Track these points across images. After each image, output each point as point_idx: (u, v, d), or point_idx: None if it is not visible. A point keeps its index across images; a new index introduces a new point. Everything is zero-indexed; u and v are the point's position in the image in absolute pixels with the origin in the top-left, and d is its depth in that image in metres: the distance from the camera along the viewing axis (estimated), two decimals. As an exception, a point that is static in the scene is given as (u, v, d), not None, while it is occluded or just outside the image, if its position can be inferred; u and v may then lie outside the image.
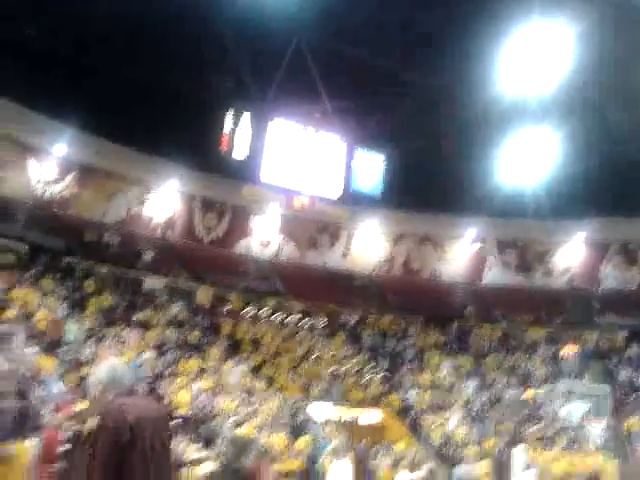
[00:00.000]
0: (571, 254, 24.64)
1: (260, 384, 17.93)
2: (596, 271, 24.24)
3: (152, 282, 21.05)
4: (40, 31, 17.35)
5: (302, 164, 22.70)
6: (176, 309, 19.50)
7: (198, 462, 6.58)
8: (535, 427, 18.40)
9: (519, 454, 16.83)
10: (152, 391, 14.67)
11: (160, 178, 23.51)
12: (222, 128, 21.40)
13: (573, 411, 18.26)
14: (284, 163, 22.36)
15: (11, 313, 14.35)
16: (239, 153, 21.53)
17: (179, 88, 19.61)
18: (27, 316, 14.73)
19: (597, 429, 17.92)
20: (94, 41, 17.82)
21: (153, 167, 23.08)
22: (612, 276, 23.80)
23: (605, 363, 20.69)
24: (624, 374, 19.95)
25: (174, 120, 19.74)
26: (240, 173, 22.08)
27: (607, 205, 21.24)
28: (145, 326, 18.02)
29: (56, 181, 21.53)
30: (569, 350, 21.10)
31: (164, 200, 23.81)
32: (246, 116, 21.63)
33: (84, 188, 22.11)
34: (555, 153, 19.85)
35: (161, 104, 19.68)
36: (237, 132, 21.57)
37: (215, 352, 18.35)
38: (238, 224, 25.24)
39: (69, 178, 21.85)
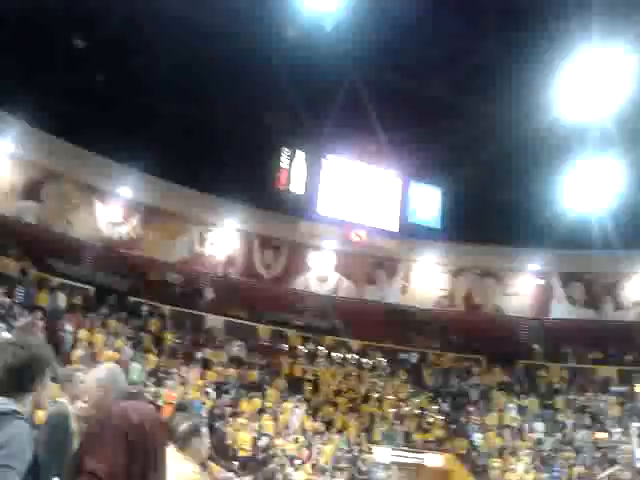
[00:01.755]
0: (641, 286, 23.59)
1: (320, 425, 17.72)
2: (669, 303, 23.08)
3: (212, 321, 21.34)
4: (104, 76, 18.22)
5: (358, 199, 22.77)
6: (236, 348, 19.65)
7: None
8: (609, 470, 17.45)
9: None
10: (211, 430, 14.73)
11: (220, 217, 24.03)
12: (278, 165, 21.79)
13: (650, 454, 17.20)
14: (340, 198, 22.49)
15: (78, 354, 14.81)
16: (295, 189, 21.82)
17: (236, 129, 20.13)
18: (93, 357, 15.12)
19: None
20: (155, 85, 18.56)
21: (213, 206, 23.63)
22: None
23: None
24: None
25: (232, 159, 20.23)
26: (296, 209, 22.34)
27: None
28: (206, 365, 18.20)
29: (122, 222, 22.31)
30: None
31: (225, 238, 24.28)
32: (301, 153, 21.97)
33: (149, 229, 22.81)
34: (620, 181, 19.22)
35: (219, 145, 20.23)
36: (293, 169, 21.90)
37: (274, 392, 18.31)
38: (295, 260, 25.41)
39: (134, 219, 22.60)
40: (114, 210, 22.00)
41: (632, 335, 22.52)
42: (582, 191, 19.63)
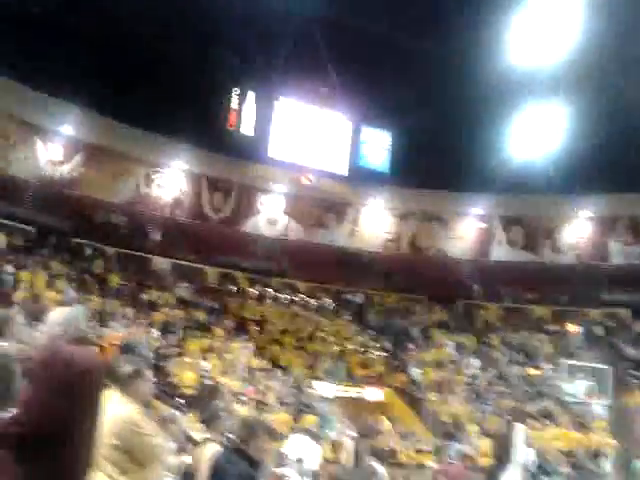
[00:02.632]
0: (579, 230, 24.51)
1: (265, 363, 18.16)
2: (604, 247, 24.12)
3: (159, 262, 21.28)
4: (47, 10, 17.32)
5: (309, 142, 22.69)
6: (182, 289, 19.73)
7: (204, 442, 6.73)
8: (538, 404, 18.50)
9: (521, 431, 16.94)
10: (157, 369, 14.94)
11: (167, 158, 23.60)
12: (229, 107, 21.39)
13: (577, 388, 18.32)
14: (291, 141, 22.36)
15: (19, 295, 14.62)
16: (246, 131, 21.56)
17: (185, 67, 19.59)
18: (34, 298, 14.96)
19: (600, 406, 18.00)
20: (100, 21, 17.77)
21: (160, 147, 23.17)
22: (620, 252, 23.68)
23: (610, 340, 20.67)
24: (629, 351, 19.94)
25: (180, 99, 19.74)
26: (247, 151, 22.14)
27: (615, 180, 21.01)
28: (152, 306, 18.26)
29: (64, 161, 21.69)
30: (574, 327, 21.10)
31: (172, 180, 23.94)
32: (252, 94, 21.59)
33: (92, 168, 22.27)
34: (563, 128, 19.62)
35: (168, 83, 19.69)
36: (243, 110, 21.56)
37: (221, 332, 18.57)
38: (245, 203, 25.35)
39: (77, 158, 22.00)
40: (55, 149, 21.34)
41: (567, 277, 23.52)
42: (527, 137, 19.98)
